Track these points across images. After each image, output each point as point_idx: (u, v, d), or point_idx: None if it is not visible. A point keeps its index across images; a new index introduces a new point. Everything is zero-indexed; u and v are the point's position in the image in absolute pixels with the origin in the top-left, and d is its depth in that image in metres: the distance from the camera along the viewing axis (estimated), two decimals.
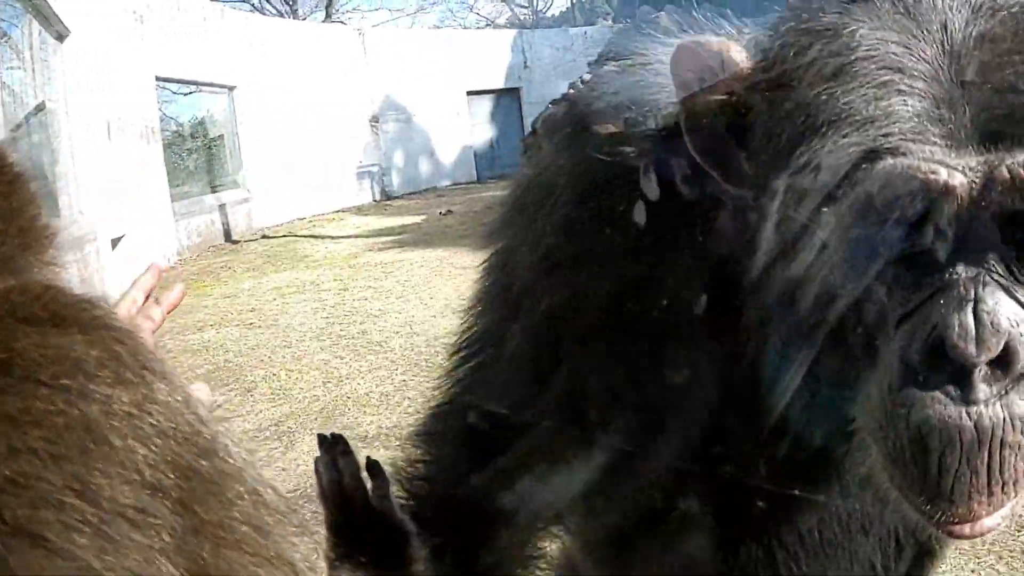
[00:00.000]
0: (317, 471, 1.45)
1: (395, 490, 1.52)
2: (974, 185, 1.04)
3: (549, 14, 34.73)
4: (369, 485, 1.45)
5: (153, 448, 0.73)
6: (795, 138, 1.16)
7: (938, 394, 1.06)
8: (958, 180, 1.04)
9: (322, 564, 1.27)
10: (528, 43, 24.47)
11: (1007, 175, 1.03)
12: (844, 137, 1.10)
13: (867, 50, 1.15)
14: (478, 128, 23.77)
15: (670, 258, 1.37)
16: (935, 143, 1.07)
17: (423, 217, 16.29)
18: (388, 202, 20.65)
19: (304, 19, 28.95)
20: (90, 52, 11.66)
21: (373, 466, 1.46)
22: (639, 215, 1.34)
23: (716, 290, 1.33)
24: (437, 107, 22.49)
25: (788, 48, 1.22)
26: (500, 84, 24.11)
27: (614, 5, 28.03)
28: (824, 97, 1.14)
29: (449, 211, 16.40)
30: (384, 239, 14.03)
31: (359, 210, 19.32)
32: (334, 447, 1.46)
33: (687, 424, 1.45)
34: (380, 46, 21.59)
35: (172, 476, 0.73)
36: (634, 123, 1.44)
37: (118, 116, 12.47)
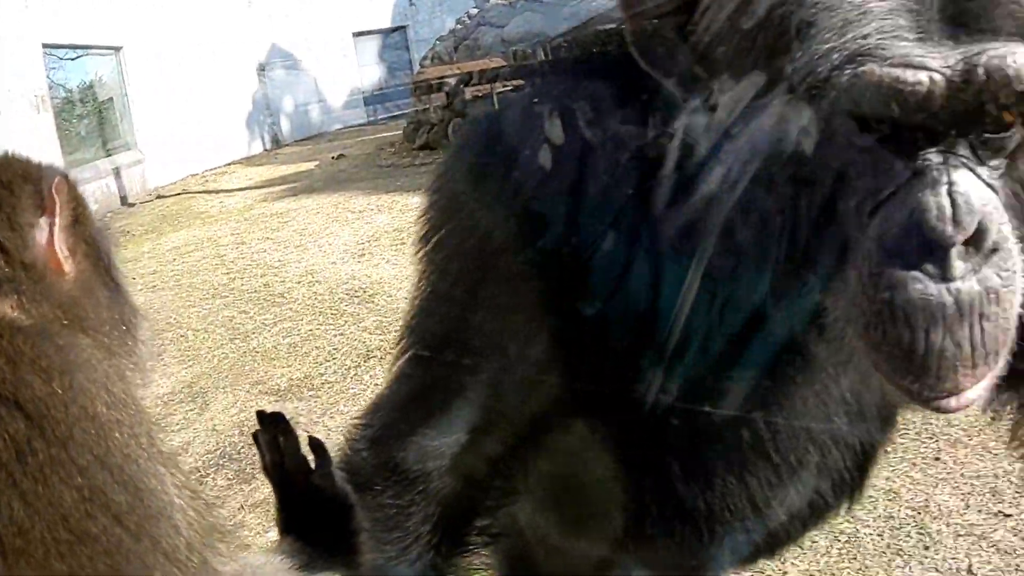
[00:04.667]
0: (259, 448, 1.47)
1: (337, 463, 1.52)
2: (952, 84, 1.06)
3: None
4: (312, 462, 1.45)
5: None
6: (771, 44, 1.17)
7: (919, 274, 1.08)
8: (938, 82, 1.06)
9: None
10: None
11: (982, 74, 1.05)
12: (823, 43, 1.11)
13: None
14: (366, 69, 23.47)
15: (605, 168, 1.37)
16: (909, 40, 1.09)
17: (315, 163, 16.12)
18: (279, 150, 20.21)
19: None
20: None
21: (315, 444, 1.47)
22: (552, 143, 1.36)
23: (667, 193, 1.31)
24: (324, 51, 22.15)
25: None
26: (387, 23, 23.75)
27: None
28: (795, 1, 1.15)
29: (341, 155, 16.29)
30: (277, 188, 13.85)
31: (250, 161, 18.89)
32: (275, 426, 1.46)
33: (639, 352, 1.44)
34: None
35: None
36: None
37: (6, 88, 12.18)
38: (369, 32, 23.50)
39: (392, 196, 10.93)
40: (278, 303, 7.36)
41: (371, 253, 8.44)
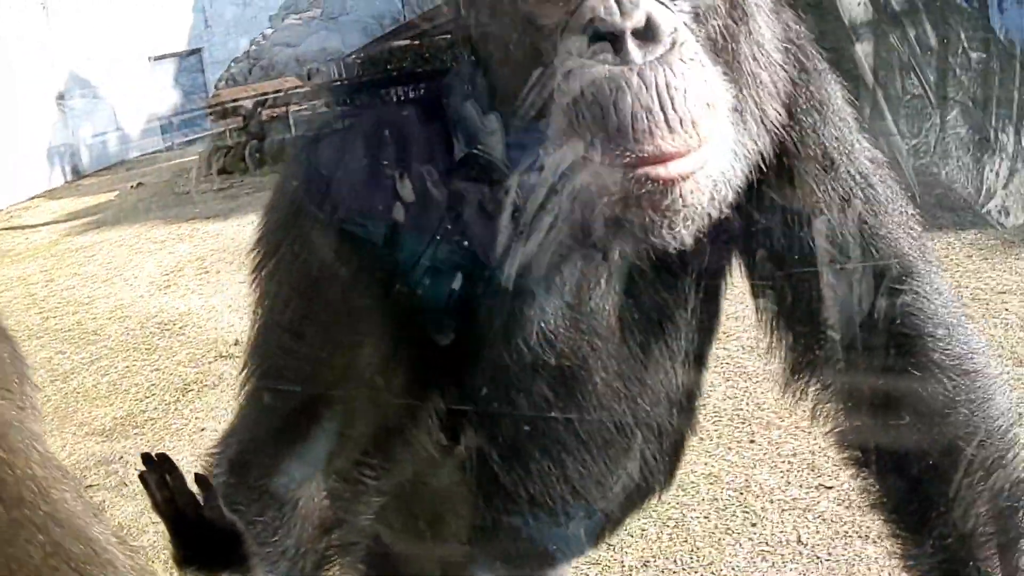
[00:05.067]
0: (148, 489, 1.44)
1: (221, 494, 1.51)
2: None
3: None
4: (199, 496, 1.45)
5: None
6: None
7: (599, 61, 1.16)
8: None
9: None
10: (208, 1, 23.63)
11: None
12: None
13: None
14: (163, 94, 22.82)
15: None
16: None
17: (115, 193, 15.72)
18: (80, 182, 19.48)
19: None
20: None
21: (201, 479, 1.44)
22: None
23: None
24: (121, 77, 21.51)
25: None
26: (183, 47, 23.35)
27: None
28: None
29: (140, 184, 15.97)
30: (81, 221, 13.42)
31: (52, 194, 18.20)
32: (161, 466, 1.43)
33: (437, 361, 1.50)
34: (64, 19, 20.51)
35: None
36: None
37: None
38: (165, 56, 23.03)
39: (192, 224, 10.84)
40: (92, 341, 7.39)
41: (176, 284, 8.53)
